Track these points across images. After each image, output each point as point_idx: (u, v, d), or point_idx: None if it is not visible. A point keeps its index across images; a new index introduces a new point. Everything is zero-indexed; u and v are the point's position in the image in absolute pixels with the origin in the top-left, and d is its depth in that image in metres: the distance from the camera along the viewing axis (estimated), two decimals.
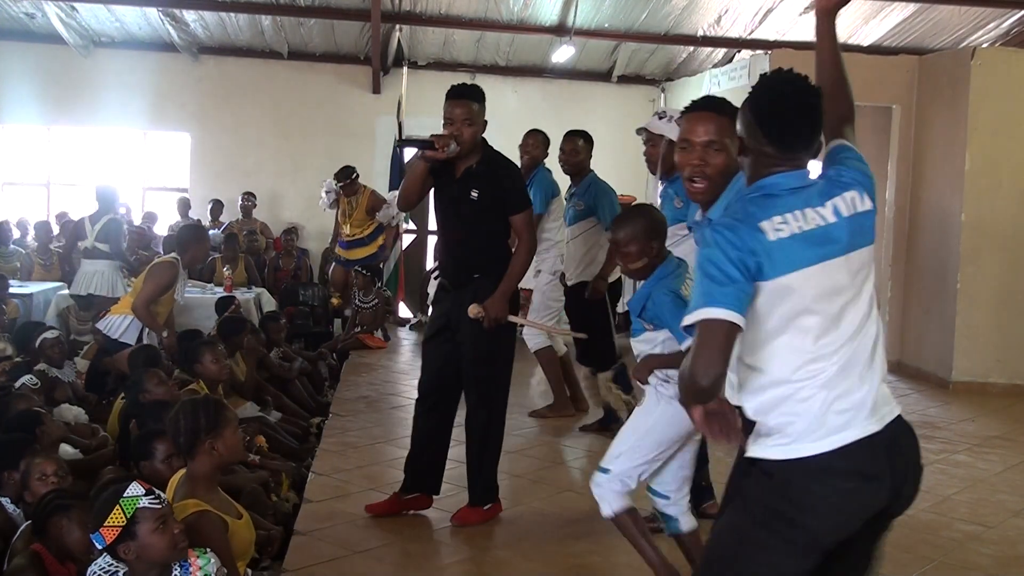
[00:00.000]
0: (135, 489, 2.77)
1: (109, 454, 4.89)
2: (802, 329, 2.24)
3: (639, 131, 4.83)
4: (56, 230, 10.50)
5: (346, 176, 9.54)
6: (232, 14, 10.45)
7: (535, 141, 6.66)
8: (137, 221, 10.81)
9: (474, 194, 4.27)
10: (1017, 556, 4.37)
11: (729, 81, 9.82)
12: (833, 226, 2.26)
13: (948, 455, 6.01)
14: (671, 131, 4.13)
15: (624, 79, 11.93)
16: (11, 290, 8.36)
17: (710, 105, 2.86)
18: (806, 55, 10.65)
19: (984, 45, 10.08)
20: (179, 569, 2.85)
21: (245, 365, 6.51)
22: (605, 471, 3.44)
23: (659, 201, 4.64)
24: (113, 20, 10.77)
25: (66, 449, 4.64)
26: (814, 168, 2.39)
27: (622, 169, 10.14)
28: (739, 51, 10.84)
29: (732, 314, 2.14)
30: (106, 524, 2.72)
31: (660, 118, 4.59)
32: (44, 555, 3.16)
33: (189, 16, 10.52)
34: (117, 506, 2.73)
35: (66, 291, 8.52)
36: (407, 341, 9.94)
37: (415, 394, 7.31)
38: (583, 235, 6.32)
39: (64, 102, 11.34)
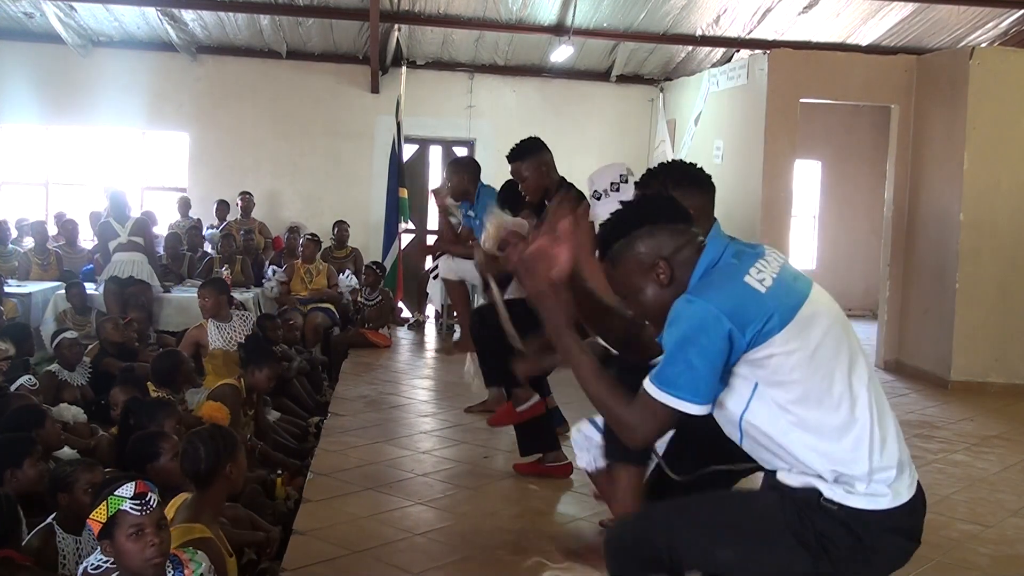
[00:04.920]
0: (126, 490, 2.68)
1: (105, 453, 4.89)
2: (846, 359, 2.19)
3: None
4: (54, 230, 10.51)
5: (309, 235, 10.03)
6: (231, 14, 10.46)
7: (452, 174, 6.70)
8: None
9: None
10: (1016, 555, 4.36)
11: (727, 81, 9.82)
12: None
13: (947, 455, 6.01)
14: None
15: (623, 79, 11.93)
16: (10, 290, 8.38)
17: None
18: (804, 55, 10.62)
19: (983, 45, 10.10)
20: (172, 571, 2.81)
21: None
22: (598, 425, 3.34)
23: None
24: (112, 20, 10.77)
25: (64, 450, 4.63)
26: None
27: None
28: (738, 51, 10.85)
29: (702, 409, 2.15)
30: (92, 516, 2.69)
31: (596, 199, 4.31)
32: (13, 556, 3.19)
33: (187, 16, 10.52)
34: (104, 501, 2.67)
35: (63, 292, 8.54)
36: (406, 341, 9.94)
37: (414, 393, 7.41)
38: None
39: (62, 102, 11.34)
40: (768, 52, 8.97)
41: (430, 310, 10.90)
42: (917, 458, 5.84)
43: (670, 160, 3.12)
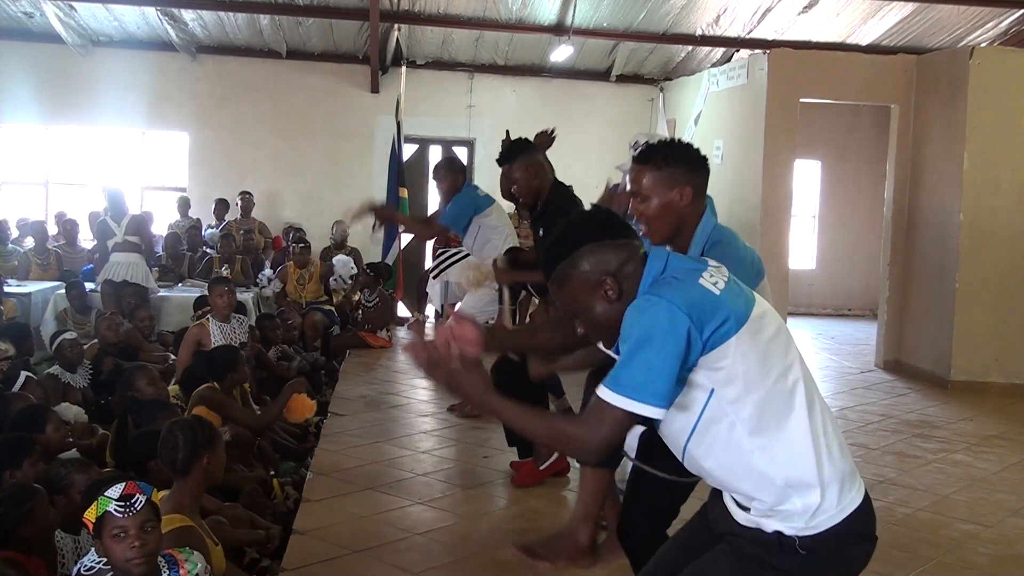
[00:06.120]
0: (114, 491, 2.71)
1: (110, 450, 4.88)
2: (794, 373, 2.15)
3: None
4: (54, 230, 10.50)
5: (299, 241, 9.96)
6: (230, 13, 10.45)
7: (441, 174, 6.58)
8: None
9: (540, 232, 4.96)
10: (1015, 555, 4.37)
11: (727, 81, 9.82)
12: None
13: (946, 454, 6.02)
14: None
15: (623, 78, 11.93)
16: (10, 290, 8.37)
17: (641, 157, 2.85)
18: (804, 55, 10.62)
19: (982, 44, 10.09)
20: (167, 571, 2.83)
21: None
22: None
23: None
24: (112, 19, 10.77)
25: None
26: None
27: None
28: (737, 50, 10.85)
29: (659, 412, 2.05)
30: (85, 515, 2.74)
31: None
32: (14, 557, 3.19)
33: (187, 15, 10.52)
34: (95, 502, 2.71)
35: (63, 292, 8.55)
36: (405, 341, 9.93)
37: (414, 393, 7.41)
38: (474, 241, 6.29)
39: (62, 101, 11.34)
40: (768, 52, 8.97)
41: (430, 310, 10.89)
42: (917, 458, 5.87)
43: (670, 139, 3.20)
